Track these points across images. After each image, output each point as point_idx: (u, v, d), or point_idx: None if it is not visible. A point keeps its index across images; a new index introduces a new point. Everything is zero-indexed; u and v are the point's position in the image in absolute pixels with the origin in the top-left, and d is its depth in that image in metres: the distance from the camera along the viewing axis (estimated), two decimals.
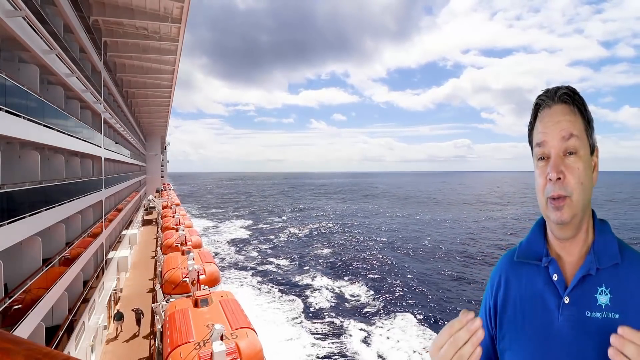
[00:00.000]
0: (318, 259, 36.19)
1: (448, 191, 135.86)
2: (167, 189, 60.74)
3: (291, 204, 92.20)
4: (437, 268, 31.85)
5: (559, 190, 0.92)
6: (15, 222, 7.42)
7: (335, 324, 20.92)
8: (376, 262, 34.48)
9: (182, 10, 17.11)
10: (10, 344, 0.49)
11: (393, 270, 31.69)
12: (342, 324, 20.91)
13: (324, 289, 27.09)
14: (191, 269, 14.34)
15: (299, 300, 24.67)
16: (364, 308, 23.44)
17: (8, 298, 7.16)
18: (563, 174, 0.93)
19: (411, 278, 29.26)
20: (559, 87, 0.98)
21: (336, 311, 22.88)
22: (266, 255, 37.74)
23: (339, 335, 19.56)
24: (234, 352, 9.60)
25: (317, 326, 20.72)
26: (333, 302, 24.52)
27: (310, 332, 19.93)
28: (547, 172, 0.95)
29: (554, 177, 0.93)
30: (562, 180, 0.93)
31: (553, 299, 0.97)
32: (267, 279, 29.76)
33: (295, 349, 18.05)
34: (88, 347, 12.81)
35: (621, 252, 0.95)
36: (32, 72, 9.85)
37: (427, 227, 53.91)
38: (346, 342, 18.86)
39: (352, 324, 20.97)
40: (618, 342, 0.72)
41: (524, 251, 1.09)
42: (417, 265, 33.16)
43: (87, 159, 15.77)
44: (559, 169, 0.93)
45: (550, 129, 0.96)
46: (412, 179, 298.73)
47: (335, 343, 18.74)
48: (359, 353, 17.75)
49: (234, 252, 39.26)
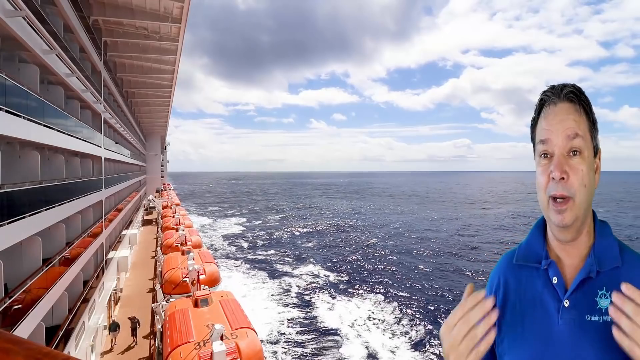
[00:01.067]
0: (315, 255, 36.27)
1: (444, 190, 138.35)
2: (167, 189, 60.78)
3: (291, 202, 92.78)
4: (438, 263, 31.99)
5: (562, 190, 0.91)
6: (15, 222, 7.42)
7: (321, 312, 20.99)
8: (374, 259, 34.61)
9: (182, 10, 17.11)
10: (10, 344, 0.48)
11: (397, 270, 31.72)
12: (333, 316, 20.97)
13: (317, 281, 27.22)
14: (191, 269, 14.35)
15: (298, 299, 24.74)
16: (361, 305, 23.47)
17: (8, 298, 7.16)
18: (567, 174, 0.91)
19: (420, 279, 29.31)
20: (564, 85, 0.96)
21: (327, 302, 22.96)
22: (264, 251, 38.01)
23: (330, 328, 19.62)
24: (234, 352, 9.60)
25: (306, 316, 20.77)
26: (325, 294, 24.62)
27: (301, 325, 19.98)
28: (550, 171, 0.93)
29: (558, 176, 0.91)
30: (566, 181, 0.91)
31: (552, 302, 0.96)
32: (264, 272, 29.87)
33: (290, 344, 18.07)
34: (88, 347, 12.80)
35: (622, 254, 0.94)
36: (32, 72, 9.84)
37: (420, 224, 55.63)
38: (338, 336, 18.90)
39: (348, 319, 21.02)
40: (619, 300, 0.73)
41: (523, 253, 1.07)
42: (425, 263, 33.25)
43: (87, 159, 15.76)
44: (563, 168, 0.91)
45: (555, 127, 0.94)
46: (410, 178, 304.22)
47: (327, 335, 18.79)
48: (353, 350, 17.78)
49: (234, 250, 39.39)
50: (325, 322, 21.29)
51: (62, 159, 12.05)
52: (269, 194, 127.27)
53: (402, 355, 17.70)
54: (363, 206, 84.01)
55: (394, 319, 21.77)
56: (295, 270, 31.86)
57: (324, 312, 22.67)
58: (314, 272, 31.31)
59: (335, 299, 25.09)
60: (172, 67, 25.32)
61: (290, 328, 20.49)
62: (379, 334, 19.88)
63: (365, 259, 35.72)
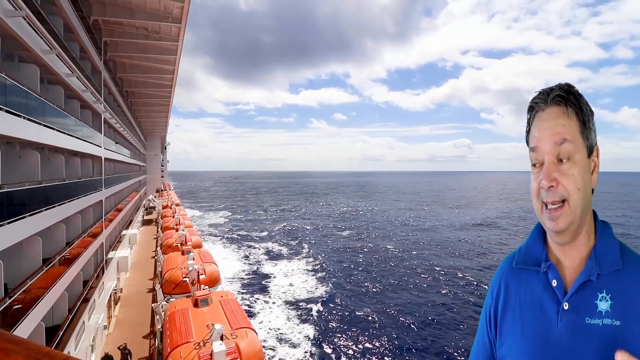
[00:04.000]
0: (315, 255, 36.28)
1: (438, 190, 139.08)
2: (167, 189, 60.78)
3: (290, 201, 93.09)
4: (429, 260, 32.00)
5: (553, 197, 0.91)
6: (15, 222, 7.42)
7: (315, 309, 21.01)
8: (373, 254, 34.63)
9: (182, 10, 17.11)
10: (10, 344, 0.49)
11: (392, 267, 31.73)
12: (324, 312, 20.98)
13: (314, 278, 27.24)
14: (191, 269, 14.34)
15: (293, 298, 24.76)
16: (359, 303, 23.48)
17: (8, 298, 7.16)
18: (556, 181, 0.91)
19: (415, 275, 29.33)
20: (552, 88, 0.96)
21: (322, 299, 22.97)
22: (261, 249, 37.95)
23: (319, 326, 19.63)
24: (234, 352, 9.59)
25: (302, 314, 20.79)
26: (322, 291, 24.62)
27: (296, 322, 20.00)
28: (540, 179, 0.94)
29: (546, 185, 0.92)
30: (555, 188, 0.91)
31: (552, 304, 0.95)
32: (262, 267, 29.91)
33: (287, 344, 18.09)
34: (88, 347, 12.80)
35: (623, 257, 0.93)
36: (32, 72, 9.84)
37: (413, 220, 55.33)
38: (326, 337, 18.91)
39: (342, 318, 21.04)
40: None
41: (523, 257, 1.07)
42: (425, 263, 33.27)
43: (87, 159, 15.76)
44: (552, 176, 0.91)
45: (543, 134, 0.93)
46: (407, 178, 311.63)
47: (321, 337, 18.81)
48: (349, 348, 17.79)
49: (235, 248, 39.43)
50: (321, 319, 21.31)
51: (62, 159, 12.04)
52: (269, 192, 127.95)
53: (401, 355, 17.72)
54: (361, 203, 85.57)
55: (393, 318, 21.78)
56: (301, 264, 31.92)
57: (320, 309, 22.69)
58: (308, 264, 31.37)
59: (335, 298, 25.09)
60: (172, 67, 25.31)
61: (290, 327, 20.52)
62: (379, 333, 19.88)
63: (364, 257, 35.75)
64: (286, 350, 18.02)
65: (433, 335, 19.52)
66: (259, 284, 28.40)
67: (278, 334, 19.68)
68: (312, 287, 27.60)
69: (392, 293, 26.24)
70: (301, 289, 27.27)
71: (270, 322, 21.27)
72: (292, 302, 24.60)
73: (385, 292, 26.52)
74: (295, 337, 19.39)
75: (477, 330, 1.19)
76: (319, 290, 26.98)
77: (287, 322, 21.29)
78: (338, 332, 19.99)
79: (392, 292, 26.50)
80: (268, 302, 24.63)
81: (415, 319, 21.67)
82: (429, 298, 25.07)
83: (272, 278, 29.93)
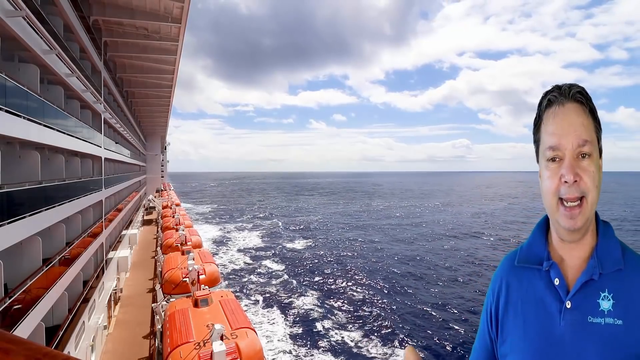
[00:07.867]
0: (316, 253, 36.29)
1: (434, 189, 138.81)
2: (167, 189, 60.76)
3: (290, 200, 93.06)
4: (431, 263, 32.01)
5: (575, 192, 0.91)
6: (15, 222, 7.42)
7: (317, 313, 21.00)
8: (371, 255, 34.61)
9: (182, 10, 17.10)
10: (10, 344, 0.48)
11: (399, 270, 31.72)
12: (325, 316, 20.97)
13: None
14: (191, 269, 14.34)
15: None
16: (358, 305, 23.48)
17: (8, 298, 7.16)
18: (579, 177, 0.91)
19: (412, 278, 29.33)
20: (571, 85, 0.96)
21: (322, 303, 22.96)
22: (261, 248, 37.95)
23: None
24: (234, 352, 9.59)
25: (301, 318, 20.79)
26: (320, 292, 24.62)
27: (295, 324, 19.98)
28: (561, 174, 0.93)
29: (571, 179, 0.91)
30: (579, 183, 0.91)
31: (555, 303, 0.96)
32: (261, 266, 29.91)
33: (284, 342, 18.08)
34: (88, 347, 12.80)
35: (624, 256, 0.94)
36: (32, 72, 9.83)
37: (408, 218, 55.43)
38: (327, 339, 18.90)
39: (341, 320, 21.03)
40: None
41: (524, 255, 1.07)
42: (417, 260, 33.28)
43: (87, 159, 15.76)
44: (576, 171, 0.91)
45: (566, 130, 0.93)
46: (407, 178, 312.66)
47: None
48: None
49: (234, 247, 39.45)
50: (323, 319, 21.31)
51: (62, 159, 12.03)
52: (269, 191, 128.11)
53: (402, 353, 17.68)
54: (357, 202, 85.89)
55: (394, 316, 21.77)
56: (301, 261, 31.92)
57: (321, 311, 22.69)
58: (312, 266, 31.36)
59: (335, 298, 25.10)
60: (172, 67, 25.31)
61: (290, 327, 20.51)
62: (380, 331, 19.87)
63: (364, 257, 35.75)
64: (286, 350, 18.02)
65: (434, 332, 19.52)
66: (259, 284, 28.41)
67: (278, 334, 19.68)
68: (312, 287, 27.60)
69: (393, 290, 26.22)
70: (301, 288, 27.27)
71: (270, 322, 21.28)
72: (292, 301, 24.60)
73: (387, 289, 26.49)
74: (295, 337, 19.39)
75: (478, 328, 1.19)
76: (319, 290, 26.99)
77: (287, 322, 21.29)
78: (338, 332, 19.98)
79: (394, 289, 26.48)
80: (268, 302, 24.64)
81: (416, 316, 21.68)
82: (429, 297, 25.06)
83: (272, 278, 29.95)
